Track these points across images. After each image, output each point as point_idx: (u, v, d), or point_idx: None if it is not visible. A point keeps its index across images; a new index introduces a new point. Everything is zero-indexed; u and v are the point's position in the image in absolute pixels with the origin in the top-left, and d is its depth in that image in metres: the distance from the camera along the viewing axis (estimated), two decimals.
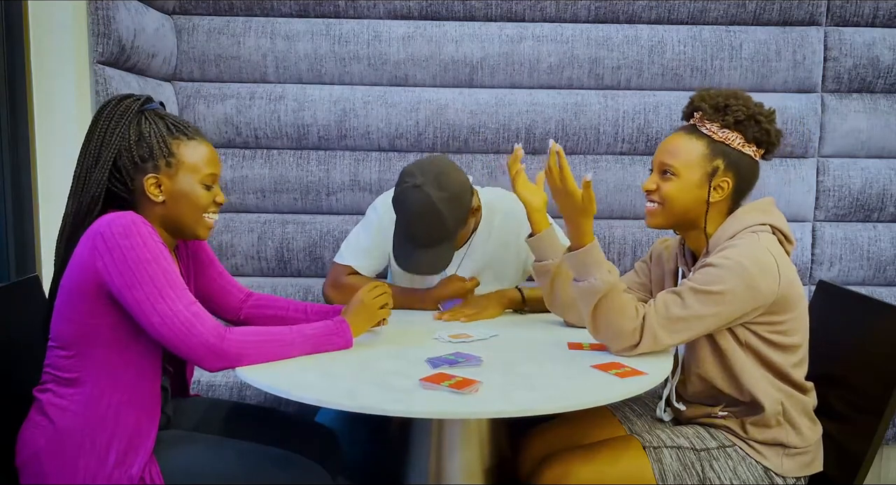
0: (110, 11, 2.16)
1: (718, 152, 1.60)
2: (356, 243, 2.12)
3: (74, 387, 1.42)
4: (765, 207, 1.66)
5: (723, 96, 1.61)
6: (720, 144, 1.61)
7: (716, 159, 1.60)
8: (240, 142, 2.65)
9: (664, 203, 1.63)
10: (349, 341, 1.58)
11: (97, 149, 1.44)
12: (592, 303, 1.56)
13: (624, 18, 2.66)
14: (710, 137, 1.61)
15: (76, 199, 1.46)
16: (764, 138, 1.62)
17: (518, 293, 2.05)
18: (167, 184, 1.47)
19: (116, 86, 2.19)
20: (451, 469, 1.63)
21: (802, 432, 1.62)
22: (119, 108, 1.46)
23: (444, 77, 2.65)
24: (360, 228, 2.14)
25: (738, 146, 1.61)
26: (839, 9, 2.64)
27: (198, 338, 1.38)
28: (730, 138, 1.60)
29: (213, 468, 1.46)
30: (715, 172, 1.60)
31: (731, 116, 1.59)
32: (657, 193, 1.64)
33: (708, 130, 1.61)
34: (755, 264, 1.51)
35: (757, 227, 1.60)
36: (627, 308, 1.56)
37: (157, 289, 1.36)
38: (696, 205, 1.62)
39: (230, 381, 2.38)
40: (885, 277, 2.71)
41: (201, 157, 1.50)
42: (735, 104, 1.59)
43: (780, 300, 1.55)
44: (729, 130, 1.60)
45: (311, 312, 1.79)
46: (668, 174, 1.62)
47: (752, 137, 1.61)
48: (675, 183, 1.61)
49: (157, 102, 1.52)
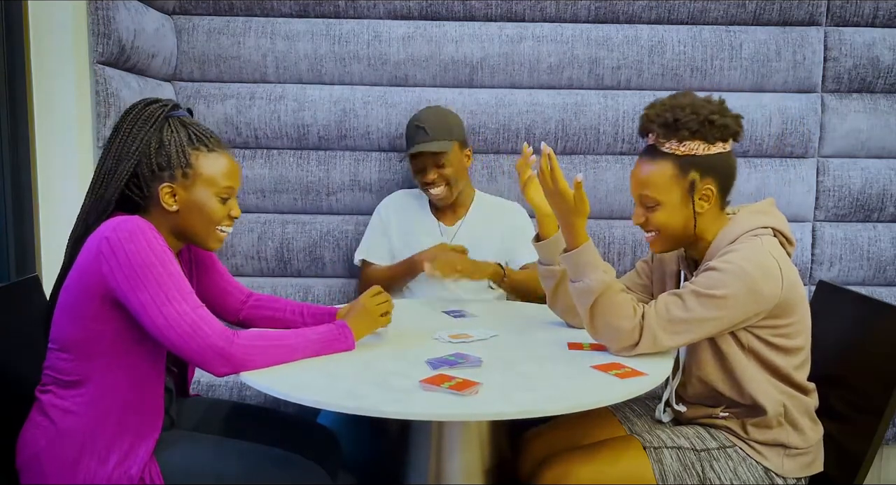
0: (110, 11, 2.16)
1: (688, 165, 1.57)
2: (365, 241, 2.47)
3: (76, 389, 1.42)
4: (765, 209, 1.66)
5: (669, 110, 1.57)
6: (686, 158, 1.57)
7: (689, 173, 1.58)
8: (240, 142, 2.65)
9: (659, 231, 1.62)
10: (351, 344, 1.58)
11: (118, 152, 1.44)
12: (589, 303, 1.56)
13: (624, 18, 2.66)
14: (674, 154, 1.58)
15: (94, 197, 1.45)
16: (726, 133, 1.58)
17: (500, 268, 2.26)
18: (182, 194, 1.47)
19: (116, 86, 2.19)
20: (451, 470, 1.63)
21: (804, 432, 1.62)
22: (144, 113, 1.45)
23: (444, 77, 2.65)
24: (367, 230, 2.49)
25: (705, 151, 1.57)
26: (839, 9, 2.64)
27: (205, 340, 1.38)
28: (693, 148, 1.57)
29: (213, 468, 1.46)
30: (693, 186, 1.58)
31: (684, 130, 1.56)
32: (649, 224, 1.63)
33: (669, 148, 1.58)
34: (757, 268, 1.51)
35: (759, 230, 1.59)
36: (624, 307, 1.55)
37: (164, 292, 1.36)
38: (689, 221, 1.61)
39: (230, 381, 2.37)
40: (885, 277, 2.71)
41: (220, 169, 1.49)
42: (684, 116, 1.55)
43: (783, 304, 1.54)
44: (688, 141, 1.57)
45: (307, 313, 1.79)
46: (650, 206, 1.61)
47: (713, 139, 1.57)
48: (661, 212, 1.60)
49: (184, 110, 1.52)
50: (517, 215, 2.45)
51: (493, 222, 2.41)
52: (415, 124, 2.33)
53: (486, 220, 2.41)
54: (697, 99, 1.59)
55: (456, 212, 2.43)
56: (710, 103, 1.58)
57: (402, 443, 1.69)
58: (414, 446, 1.66)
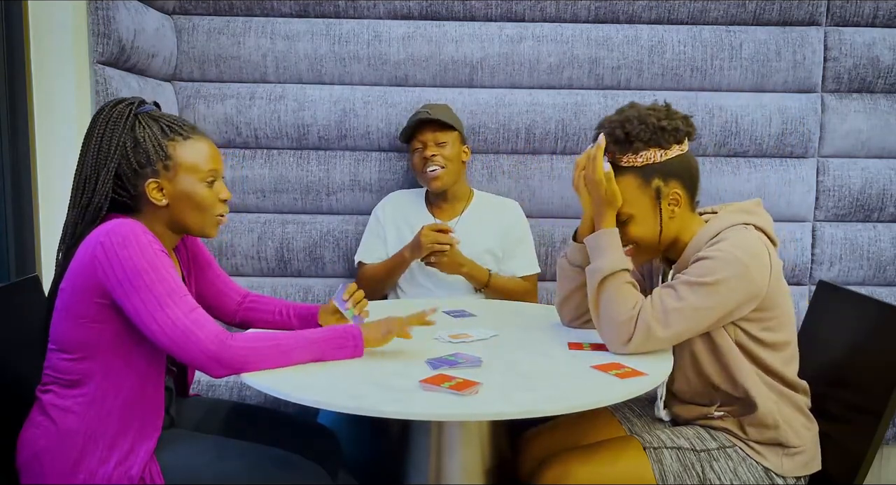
0: (110, 11, 2.16)
1: (650, 174, 1.60)
2: (362, 244, 2.50)
3: (77, 388, 1.42)
4: (750, 208, 1.66)
5: (619, 126, 1.60)
6: (646, 167, 1.60)
7: (651, 181, 1.60)
8: (240, 142, 2.65)
9: (637, 242, 1.64)
10: (359, 351, 1.53)
11: (95, 158, 1.43)
12: (598, 280, 1.59)
13: (624, 18, 2.66)
14: (633, 167, 1.60)
15: (78, 209, 1.44)
16: (679, 135, 1.61)
17: (487, 275, 2.33)
18: (168, 187, 1.47)
19: (116, 86, 2.19)
20: (452, 470, 1.63)
21: (798, 430, 1.63)
22: (112, 114, 1.45)
23: (444, 77, 2.65)
24: (365, 232, 2.52)
25: (663, 157, 1.60)
26: (839, 9, 2.64)
27: (197, 346, 1.37)
28: (650, 157, 1.60)
29: (213, 468, 1.46)
30: (659, 192, 1.60)
31: (638, 141, 1.58)
32: (626, 237, 1.64)
33: (627, 162, 1.61)
34: (747, 254, 1.53)
35: (740, 226, 1.60)
36: (629, 297, 1.57)
37: (156, 298, 1.36)
38: (664, 228, 1.63)
39: (230, 381, 2.38)
40: (885, 277, 2.71)
41: (199, 155, 1.49)
42: (633, 128, 1.58)
43: (769, 294, 1.56)
44: (644, 151, 1.59)
45: (293, 315, 1.77)
46: (624, 221, 1.63)
47: (668, 143, 1.60)
48: (634, 225, 1.63)
49: (150, 104, 1.51)
50: (514, 212, 2.47)
51: (490, 219, 2.42)
52: (417, 110, 2.41)
53: (484, 216, 2.43)
54: (643, 108, 1.62)
55: (453, 208, 2.44)
56: (656, 110, 1.62)
57: (402, 443, 1.69)
58: (414, 446, 1.66)
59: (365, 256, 2.46)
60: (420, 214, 2.44)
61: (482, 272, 2.32)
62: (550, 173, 2.66)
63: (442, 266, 2.28)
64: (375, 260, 2.44)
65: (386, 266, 2.38)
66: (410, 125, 2.38)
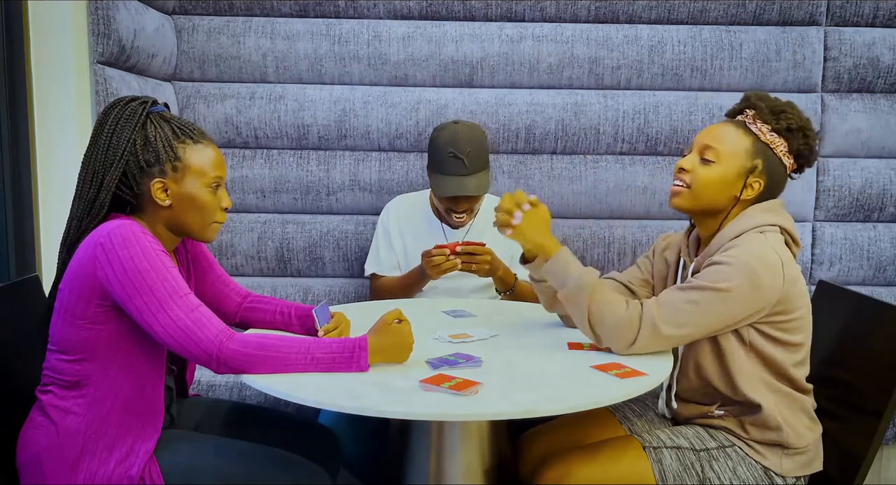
0: (110, 11, 2.16)
1: (760, 153, 1.62)
2: (372, 253, 2.42)
3: (77, 389, 1.42)
4: (774, 208, 1.66)
5: (779, 102, 1.64)
6: (764, 146, 1.62)
7: (756, 158, 1.61)
8: (240, 142, 2.66)
9: (693, 186, 1.63)
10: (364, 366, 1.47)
11: (104, 153, 1.44)
12: (584, 302, 1.58)
13: (624, 18, 2.66)
14: (758, 137, 1.62)
15: (83, 202, 1.45)
16: (805, 152, 1.64)
17: (513, 279, 2.26)
18: (174, 188, 1.47)
19: (116, 86, 2.19)
20: (452, 470, 1.63)
21: (802, 432, 1.63)
22: (125, 112, 1.45)
23: (444, 77, 2.65)
24: (373, 240, 2.43)
25: (781, 153, 1.62)
26: (839, 9, 2.64)
27: (198, 346, 1.38)
28: (775, 143, 1.62)
29: (213, 468, 1.46)
30: (753, 170, 1.62)
31: (784, 122, 1.61)
32: (690, 175, 1.64)
33: (758, 128, 1.63)
34: (760, 263, 1.52)
35: (766, 227, 1.60)
36: (617, 302, 1.58)
37: (157, 298, 1.36)
38: (724, 196, 1.63)
39: (230, 381, 2.38)
40: (885, 277, 2.71)
41: (207, 160, 1.49)
42: (790, 112, 1.62)
43: (784, 299, 1.55)
44: (777, 134, 1.62)
45: (294, 315, 1.75)
46: (708, 160, 1.63)
47: (795, 148, 1.63)
48: (713, 169, 1.62)
49: (161, 104, 1.52)
50: None
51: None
52: (450, 153, 2.16)
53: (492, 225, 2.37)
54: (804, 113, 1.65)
55: None
56: (810, 123, 1.65)
57: (402, 443, 1.69)
58: (414, 446, 1.66)
59: (377, 268, 2.39)
60: (429, 222, 2.38)
61: (510, 276, 2.27)
62: (550, 173, 2.66)
63: (480, 272, 2.20)
64: (388, 270, 2.38)
65: (402, 283, 2.31)
66: (443, 189, 2.17)
